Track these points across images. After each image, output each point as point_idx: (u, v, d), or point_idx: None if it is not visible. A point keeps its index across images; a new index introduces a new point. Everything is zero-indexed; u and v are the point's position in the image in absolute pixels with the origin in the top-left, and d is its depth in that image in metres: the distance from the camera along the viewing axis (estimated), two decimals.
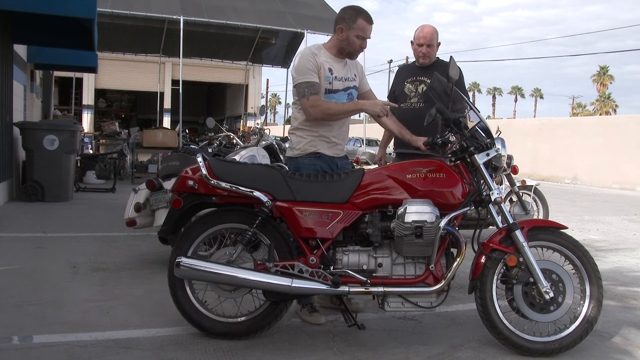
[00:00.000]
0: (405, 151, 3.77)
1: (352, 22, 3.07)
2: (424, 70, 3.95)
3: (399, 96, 4.00)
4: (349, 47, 3.12)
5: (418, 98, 3.93)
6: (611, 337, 3.14)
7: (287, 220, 2.79)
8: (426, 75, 3.90)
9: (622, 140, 16.01)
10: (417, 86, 3.94)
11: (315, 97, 3.02)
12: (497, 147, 2.85)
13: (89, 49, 8.84)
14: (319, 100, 3.03)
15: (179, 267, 2.73)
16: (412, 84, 3.97)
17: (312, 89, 3.02)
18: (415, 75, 3.98)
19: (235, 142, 7.93)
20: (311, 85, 3.02)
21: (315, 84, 3.03)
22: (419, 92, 3.92)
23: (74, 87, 18.90)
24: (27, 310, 3.20)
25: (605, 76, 50.27)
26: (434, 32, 3.87)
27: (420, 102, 3.91)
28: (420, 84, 3.93)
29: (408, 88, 3.98)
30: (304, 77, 3.03)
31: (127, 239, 5.40)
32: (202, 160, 2.78)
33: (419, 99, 3.92)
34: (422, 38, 3.86)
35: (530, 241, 2.81)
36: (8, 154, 7.67)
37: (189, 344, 2.79)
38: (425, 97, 3.83)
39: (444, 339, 3.00)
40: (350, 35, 3.08)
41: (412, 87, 3.97)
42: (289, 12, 12.30)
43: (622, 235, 7.04)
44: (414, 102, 3.94)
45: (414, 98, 3.94)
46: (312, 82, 3.02)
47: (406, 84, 4.00)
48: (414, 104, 3.94)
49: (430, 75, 3.79)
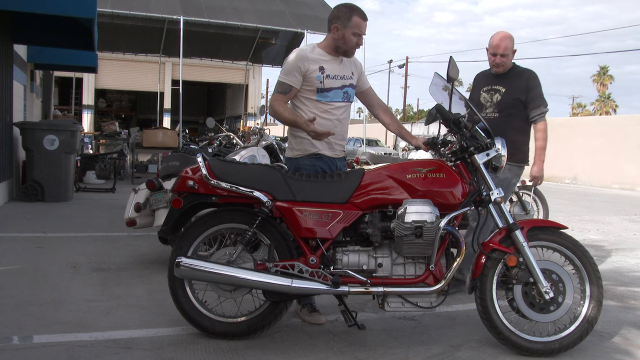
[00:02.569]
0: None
1: (347, 20, 3.08)
2: (500, 79, 3.87)
3: (476, 106, 3.85)
4: (345, 45, 3.13)
5: (493, 108, 3.85)
6: (611, 337, 3.14)
7: (287, 220, 2.79)
8: (502, 84, 3.83)
9: (622, 140, 16.01)
10: (492, 95, 3.86)
11: (278, 95, 3.11)
12: (497, 147, 2.85)
13: (89, 49, 8.84)
14: (277, 101, 3.10)
15: (179, 267, 2.73)
16: (488, 93, 3.89)
17: (280, 88, 3.11)
18: (491, 84, 3.90)
19: (235, 142, 7.92)
20: (282, 85, 3.10)
21: (286, 85, 3.09)
22: (494, 101, 3.85)
23: (74, 87, 18.90)
24: (27, 310, 3.20)
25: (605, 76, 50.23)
26: (508, 41, 3.75)
27: (495, 112, 3.84)
28: (495, 93, 3.85)
29: (484, 97, 3.90)
30: (283, 76, 3.11)
31: (127, 239, 5.40)
32: (202, 160, 2.78)
33: (493, 109, 3.85)
34: (495, 47, 3.76)
35: (530, 241, 2.81)
36: (8, 154, 7.67)
37: (189, 344, 2.79)
38: (500, 107, 3.81)
39: (444, 339, 3.00)
40: (346, 33, 3.09)
41: (487, 96, 3.88)
42: (289, 12, 12.31)
43: (622, 235, 7.04)
44: (488, 113, 3.86)
45: (489, 108, 3.87)
46: (285, 83, 3.09)
47: (482, 93, 3.92)
48: (488, 114, 3.85)
49: (506, 84, 3.81)
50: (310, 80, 3.08)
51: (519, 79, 3.82)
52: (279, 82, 3.13)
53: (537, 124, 3.81)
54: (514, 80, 3.82)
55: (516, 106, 3.80)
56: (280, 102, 3.09)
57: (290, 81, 3.08)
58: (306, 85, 3.10)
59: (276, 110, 3.10)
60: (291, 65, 3.08)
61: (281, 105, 3.09)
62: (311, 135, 3.01)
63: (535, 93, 3.78)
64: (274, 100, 3.12)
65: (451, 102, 2.92)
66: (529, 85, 3.78)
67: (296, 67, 3.06)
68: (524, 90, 3.78)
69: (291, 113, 3.11)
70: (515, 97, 3.78)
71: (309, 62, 3.07)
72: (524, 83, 3.79)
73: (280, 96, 3.10)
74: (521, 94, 3.78)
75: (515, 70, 3.86)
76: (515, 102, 3.79)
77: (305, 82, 3.09)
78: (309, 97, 3.12)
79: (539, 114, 3.78)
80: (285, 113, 3.07)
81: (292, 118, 3.07)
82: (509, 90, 3.81)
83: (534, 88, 3.78)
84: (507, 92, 3.81)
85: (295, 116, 3.08)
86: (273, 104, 3.11)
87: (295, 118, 3.06)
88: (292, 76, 3.07)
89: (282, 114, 3.07)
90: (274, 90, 3.20)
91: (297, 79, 3.08)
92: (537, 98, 3.78)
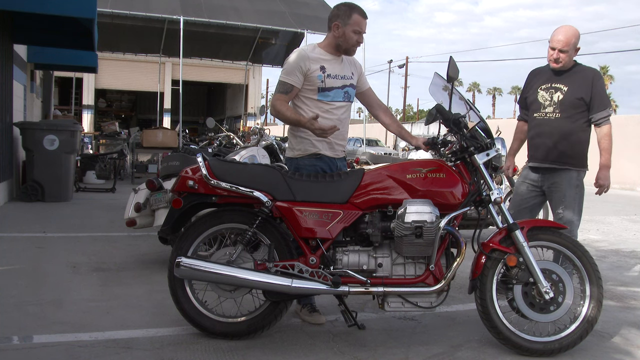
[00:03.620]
0: (540, 165, 3.58)
1: (347, 18, 3.10)
2: (561, 77, 3.55)
3: (532, 104, 3.65)
4: (345, 43, 3.13)
5: (554, 107, 3.54)
6: (611, 337, 3.14)
7: (287, 220, 2.79)
8: (563, 82, 3.53)
9: (622, 140, 15.97)
10: (552, 94, 3.56)
11: (279, 95, 3.11)
12: (497, 147, 2.86)
13: (89, 49, 8.85)
14: (278, 100, 3.10)
15: (179, 267, 2.73)
16: (547, 91, 3.58)
17: (282, 88, 3.11)
18: (550, 82, 3.58)
19: (235, 142, 7.92)
20: (284, 85, 3.10)
21: (287, 85, 3.09)
22: (555, 101, 3.54)
23: (74, 87, 18.88)
24: (27, 310, 3.20)
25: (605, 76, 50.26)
26: (570, 36, 3.44)
27: (556, 112, 3.53)
28: (556, 91, 3.55)
29: (542, 96, 3.60)
30: (284, 75, 3.11)
31: (127, 239, 5.40)
32: (202, 160, 2.78)
33: (554, 109, 3.54)
34: (555, 41, 3.46)
35: (530, 241, 2.81)
36: (8, 154, 7.67)
37: (189, 344, 2.79)
38: (562, 107, 3.51)
39: (444, 339, 3.00)
40: (346, 31, 3.10)
41: (546, 94, 3.58)
42: (289, 12, 12.30)
43: (622, 235, 7.04)
44: (549, 113, 3.57)
45: (548, 107, 3.57)
46: (286, 83, 3.09)
47: (539, 91, 3.61)
48: (548, 114, 3.57)
49: (567, 83, 3.52)
50: (311, 79, 3.08)
51: (583, 78, 3.51)
52: (280, 82, 3.12)
53: (601, 127, 3.50)
54: (577, 79, 3.51)
55: (580, 107, 3.49)
56: (282, 102, 3.09)
57: (292, 81, 3.08)
58: (307, 85, 3.10)
59: (278, 110, 3.09)
60: (292, 65, 3.08)
61: (283, 105, 3.08)
62: (316, 133, 2.99)
63: (600, 94, 3.48)
64: (275, 100, 3.11)
65: (451, 102, 2.92)
66: (594, 85, 3.47)
67: (297, 66, 3.06)
68: (589, 90, 3.47)
69: (294, 112, 3.10)
70: (579, 96, 3.47)
71: (310, 61, 3.07)
72: (588, 82, 3.48)
73: (282, 96, 3.10)
74: (585, 93, 3.47)
75: (577, 68, 3.56)
76: (579, 103, 3.48)
77: (307, 82, 3.09)
78: (310, 96, 3.12)
79: (604, 116, 3.48)
80: (287, 113, 3.07)
81: (295, 117, 3.06)
82: (572, 89, 3.49)
83: (599, 88, 3.48)
84: (570, 91, 3.50)
85: (299, 115, 3.08)
86: (275, 104, 3.10)
87: (298, 117, 3.06)
88: (294, 75, 3.07)
89: (285, 113, 3.07)
90: (275, 91, 3.20)
91: (298, 79, 3.07)
92: (603, 99, 3.50)
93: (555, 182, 3.56)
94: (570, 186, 3.55)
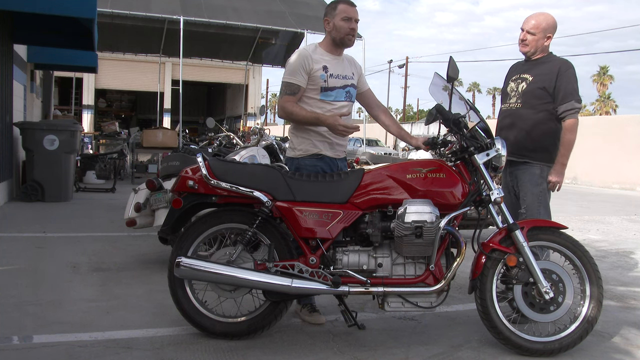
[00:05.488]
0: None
1: (333, 10, 3.15)
2: (530, 67, 3.44)
3: (503, 96, 3.62)
4: (338, 33, 3.13)
5: (516, 98, 3.45)
6: (611, 337, 3.14)
7: (287, 220, 2.79)
8: (530, 72, 3.41)
9: (622, 140, 16.01)
10: (519, 84, 3.45)
11: (287, 97, 3.09)
12: (497, 147, 2.85)
13: (89, 49, 8.84)
14: (288, 102, 3.08)
15: (179, 267, 2.73)
16: (515, 82, 3.50)
17: (288, 89, 3.08)
18: (519, 72, 3.50)
19: (235, 142, 7.91)
20: (290, 86, 3.08)
21: (294, 85, 3.07)
22: (519, 91, 3.43)
23: (74, 87, 18.88)
24: (27, 310, 3.20)
25: (605, 76, 50.16)
26: (541, 19, 3.36)
27: (518, 102, 3.42)
28: (522, 82, 3.43)
29: (510, 87, 3.53)
30: (288, 77, 3.09)
31: (127, 239, 5.40)
32: (202, 160, 2.78)
33: (517, 99, 3.44)
34: (524, 23, 3.39)
35: (530, 241, 2.81)
36: (8, 154, 7.67)
37: (189, 344, 2.79)
38: (524, 97, 3.39)
39: (444, 339, 3.00)
40: (335, 22, 3.12)
41: (514, 85, 3.49)
42: (289, 12, 12.30)
43: (622, 235, 7.04)
44: (512, 103, 3.47)
45: (513, 98, 3.48)
46: (292, 84, 3.07)
47: (510, 83, 3.55)
48: (512, 104, 3.47)
49: (533, 73, 3.39)
50: (314, 79, 3.08)
51: (549, 68, 3.36)
52: (286, 84, 3.10)
53: (565, 120, 3.31)
54: (544, 69, 3.38)
55: (542, 97, 3.33)
56: (293, 103, 3.06)
57: (297, 81, 3.06)
58: (310, 84, 3.09)
59: (290, 111, 3.06)
60: (296, 65, 3.07)
61: (295, 106, 3.06)
62: (338, 130, 2.95)
63: (565, 85, 3.29)
64: (284, 102, 3.08)
65: (451, 102, 2.92)
66: (560, 76, 3.30)
67: (301, 66, 3.05)
68: (553, 80, 3.31)
69: (308, 111, 3.06)
70: (541, 86, 3.33)
71: (312, 61, 3.07)
72: (554, 72, 3.32)
73: (290, 97, 3.07)
74: (549, 84, 3.31)
75: (547, 59, 3.42)
76: (542, 93, 3.33)
77: (309, 82, 3.09)
78: (312, 96, 3.11)
79: (568, 109, 3.28)
80: (302, 112, 3.05)
81: (313, 115, 3.03)
82: (536, 79, 3.37)
83: (565, 79, 3.29)
84: (534, 80, 3.38)
85: (316, 113, 3.04)
86: (285, 106, 3.07)
87: (317, 115, 3.02)
88: (299, 75, 3.06)
89: (299, 113, 3.04)
90: (280, 94, 3.17)
91: (303, 78, 3.06)
92: (568, 91, 3.28)
93: (518, 177, 3.43)
94: (532, 184, 3.38)
